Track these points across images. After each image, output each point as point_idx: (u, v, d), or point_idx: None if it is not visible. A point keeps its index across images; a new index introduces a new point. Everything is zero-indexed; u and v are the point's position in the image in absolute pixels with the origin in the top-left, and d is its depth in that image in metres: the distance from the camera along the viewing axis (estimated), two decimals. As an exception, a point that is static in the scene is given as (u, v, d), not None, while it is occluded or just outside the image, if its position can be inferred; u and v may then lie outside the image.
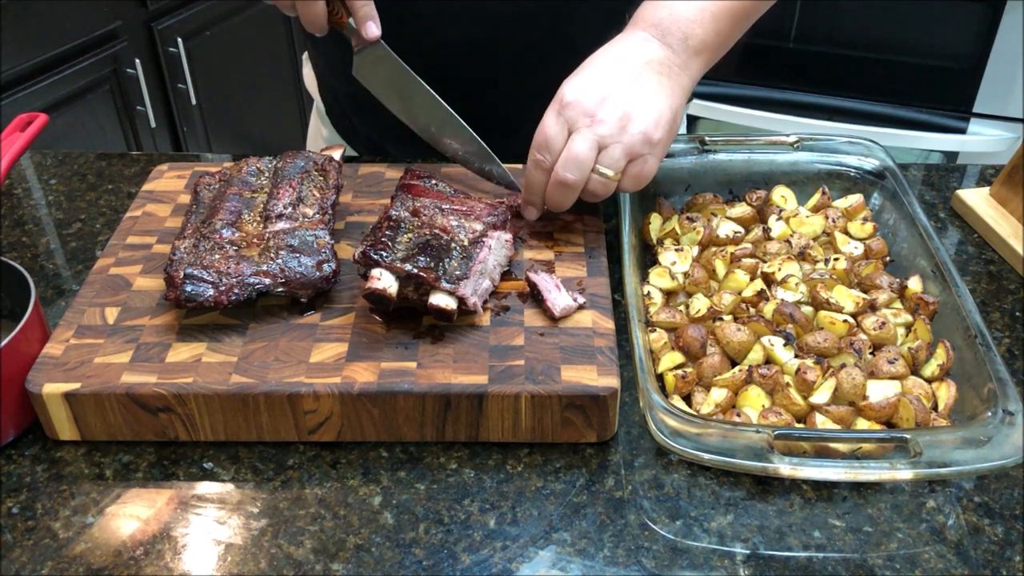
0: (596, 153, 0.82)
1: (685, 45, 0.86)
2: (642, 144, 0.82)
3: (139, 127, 2.30)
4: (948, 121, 2.29)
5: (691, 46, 0.86)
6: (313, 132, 1.31)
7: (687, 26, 0.86)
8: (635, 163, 0.83)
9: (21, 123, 0.94)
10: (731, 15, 0.88)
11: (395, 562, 0.67)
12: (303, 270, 0.80)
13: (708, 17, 0.86)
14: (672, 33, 0.85)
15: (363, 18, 0.90)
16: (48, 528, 0.70)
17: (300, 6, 0.89)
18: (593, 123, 0.82)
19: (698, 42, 0.86)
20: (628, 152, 0.82)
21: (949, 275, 0.81)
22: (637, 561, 0.67)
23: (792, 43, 2.36)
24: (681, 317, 0.82)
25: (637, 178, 0.84)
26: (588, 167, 0.82)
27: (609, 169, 0.83)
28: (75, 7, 2.05)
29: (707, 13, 0.86)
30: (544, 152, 0.84)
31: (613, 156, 0.82)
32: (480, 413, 0.74)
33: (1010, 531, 0.69)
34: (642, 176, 0.84)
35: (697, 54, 0.87)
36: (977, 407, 0.72)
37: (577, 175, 0.82)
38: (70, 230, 1.02)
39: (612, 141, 0.82)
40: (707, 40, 0.87)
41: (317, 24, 0.90)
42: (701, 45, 0.87)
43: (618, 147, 0.82)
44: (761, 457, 0.67)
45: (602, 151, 0.82)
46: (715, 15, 0.86)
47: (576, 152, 0.82)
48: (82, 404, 0.74)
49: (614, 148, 0.82)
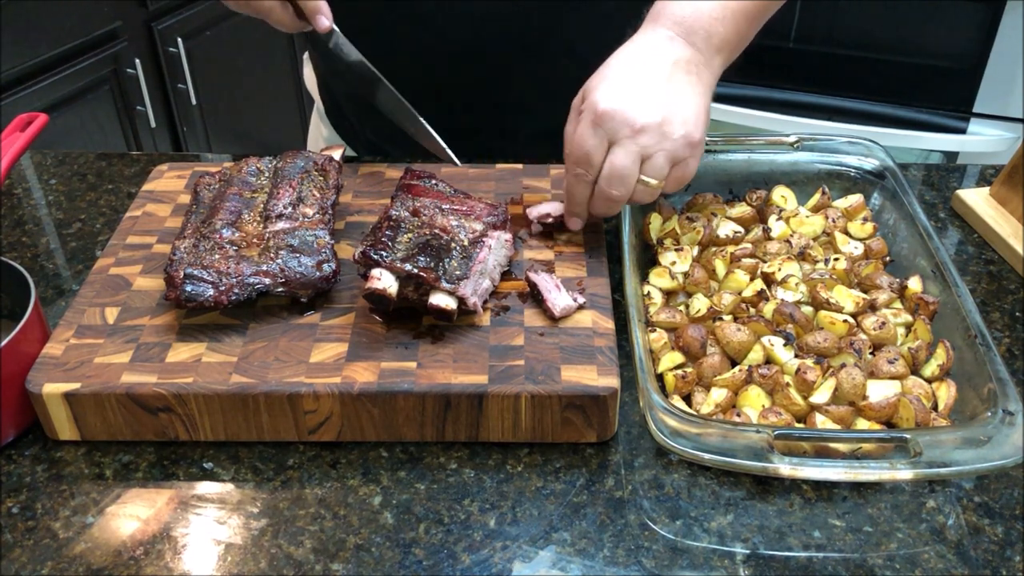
0: (640, 164, 0.81)
1: (709, 43, 0.84)
2: (684, 148, 0.81)
3: (139, 127, 2.30)
4: (948, 121, 2.29)
5: (714, 44, 0.85)
6: (313, 132, 1.31)
7: (710, 24, 0.84)
8: (678, 167, 0.82)
9: (21, 123, 0.94)
10: (749, 13, 0.87)
11: (395, 562, 0.67)
12: (303, 270, 0.80)
13: (729, 15, 0.85)
14: (696, 32, 0.84)
15: (312, 11, 0.90)
16: (48, 528, 0.70)
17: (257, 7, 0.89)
18: (634, 134, 0.79)
19: (720, 40, 0.85)
20: (671, 158, 0.81)
21: (949, 275, 0.81)
22: (637, 561, 0.67)
23: (792, 43, 2.36)
24: (681, 317, 0.82)
25: (680, 180, 0.83)
26: (633, 180, 0.81)
27: (654, 179, 0.81)
28: (75, 7, 2.05)
29: (728, 11, 0.85)
30: (585, 167, 0.81)
31: (657, 165, 0.81)
32: (480, 413, 0.74)
33: (1010, 531, 0.69)
34: (684, 178, 0.83)
35: (719, 52, 0.85)
36: (977, 407, 0.72)
37: (623, 190, 0.81)
38: (70, 230, 1.02)
39: (655, 150, 0.80)
40: (728, 38, 0.85)
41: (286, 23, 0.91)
42: (723, 43, 0.85)
43: (661, 155, 0.80)
44: (761, 457, 0.67)
45: (645, 161, 0.81)
46: (735, 13, 0.85)
47: (620, 167, 0.80)
48: (82, 404, 0.74)
49: (658, 156, 0.80)
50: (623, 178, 0.80)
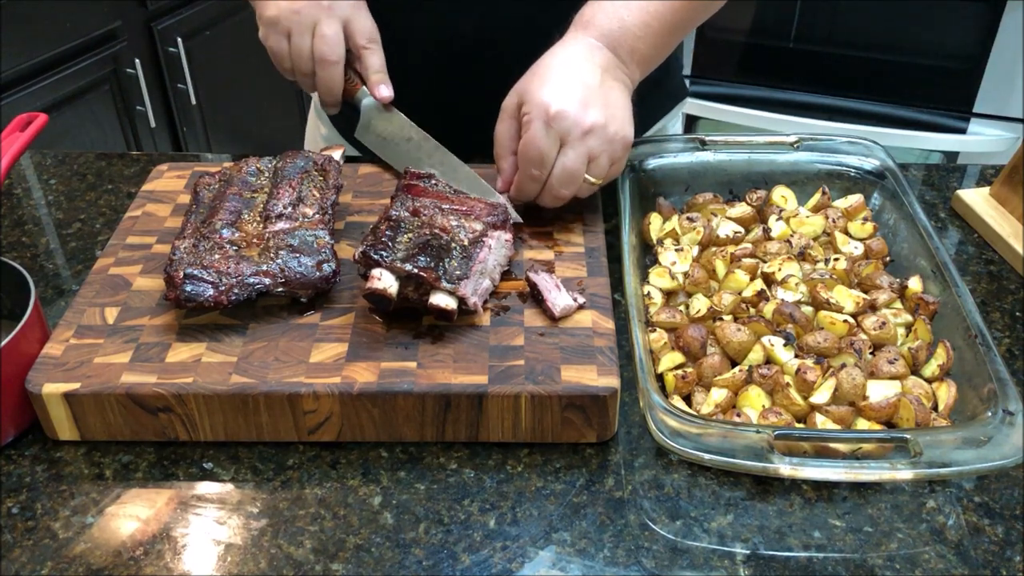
0: (587, 165, 0.86)
1: (632, 58, 0.90)
2: (622, 149, 0.87)
3: (139, 127, 2.30)
4: (948, 121, 2.29)
5: (636, 60, 0.90)
6: (311, 130, 1.31)
7: (634, 41, 0.89)
8: (614, 166, 0.88)
9: (21, 123, 0.94)
10: (670, 31, 0.92)
11: (395, 562, 0.67)
12: (303, 270, 0.80)
13: (651, 34, 0.90)
14: (622, 46, 0.89)
15: (376, 82, 0.97)
16: (48, 528, 0.70)
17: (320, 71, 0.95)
18: (583, 135, 0.84)
19: (640, 56, 0.90)
20: (612, 159, 0.87)
21: (949, 275, 0.81)
22: (637, 561, 0.67)
23: (792, 43, 2.36)
24: (681, 317, 0.82)
25: (612, 177, 0.90)
26: (580, 179, 0.86)
27: (597, 178, 0.87)
28: (75, 7, 2.05)
29: (650, 30, 0.90)
30: (538, 167, 0.85)
31: (602, 164, 0.86)
32: (480, 413, 0.74)
33: (1010, 531, 0.69)
34: (616, 174, 0.90)
35: (639, 66, 0.91)
36: (977, 407, 0.72)
37: (572, 188, 0.87)
38: (70, 230, 1.02)
39: (600, 151, 0.85)
40: (648, 54, 0.91)
41: (335, 93, 0.97)
42: (643, 59, 0.91)
43: (605, 156, 0.86)
44: (761, 457, 0.67)
45: (591, 161, 0.86)
46: (657, 32, 0.91)
47: (571, 168, 0.85)
48: (82, 404, 0.73)
49: (602, 157, 0.86)
50: (573, 178, 0.86)
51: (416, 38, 1.06)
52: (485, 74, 1.07)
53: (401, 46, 1.04)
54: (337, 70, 0.95)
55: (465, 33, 1.04)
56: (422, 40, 1.06)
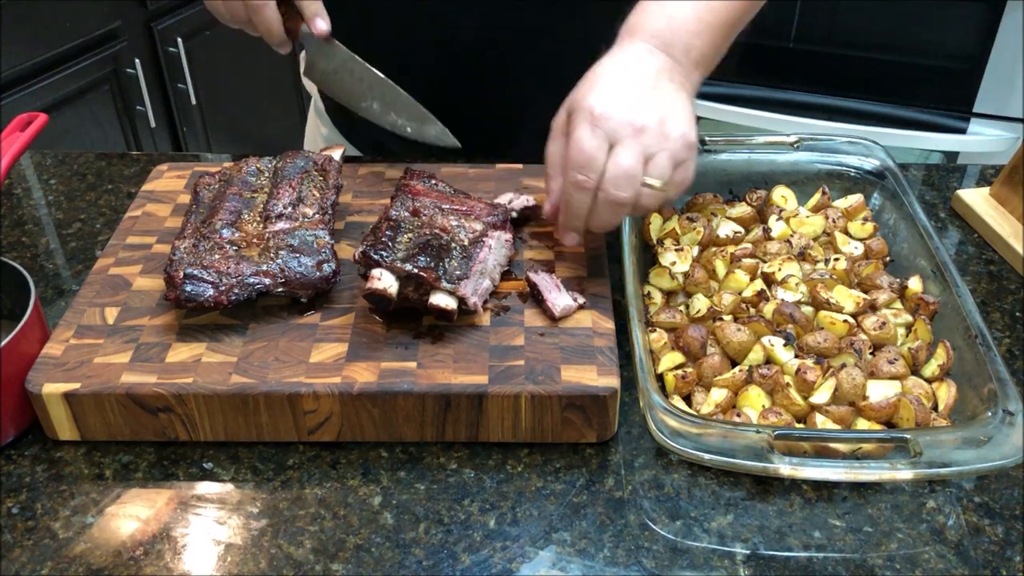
0: (644, 165, 0.77)
1: (688, 57, 0.83)
2: (684, 148, 0.78)
3: (139, 127, 2.30)
4: (948, 121, 2.29)
5: (692, 58, 0.83)
6: (311, 130, 1.31)
7: (688, 38, 0.82)
8: (679, 169, 0.79)
9: (21, 123, 0.94)
10: (725, 25, 0.85)
11: (395, 562, 0.67)
12: (303, 270, 0.80)
13: (705, 29, 0.83)
14: (675, 45, 0.82)
15: (311, 16, 0.91)
16: (48, 528, 0.70)
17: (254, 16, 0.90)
18: (636, 133, 0.76)
19: (698, 54, 0.83)
20: (673, 158, 0.78)
21: (949, 275, 0.81)
22: (637, 561, 0.67)
23: (792, 43, 2.36)
24: (681, 317, 0.82)
25: (681, 185, 0.81)
26: (639, 181, 0.77)
27: (658, 179, 0.78)
28: (75, 7, 2.05)
29: (704, 24, 0.83)
30: (586, 171, 0.77)
31: (661, 164, 0.77)
32: (480, 413, 0.74)
33: (1010, 531, 0.69)
34: (686, 181, 0.81)
35: (697, 66, 0.84)
36: (977, 407, 0.72)
37: (629, 191, 0.77)
38: (70, 230, 1.02)
39: (657, 149, 0.77)
40: (706, 52, 0.84)
41: (274, 33, 0.92)
42: (701, 57, 0.84)
43: (664, 154, 0.77)
44: (761, 457, 0.67)
45: (648, 162, 0.77)
46: (711, 27, 0.84)
47: (625, 166, 0.76)
48: (82, 404, 0.73)
49: (660, 156, 0.77)
50: (629, 178, 0.76)
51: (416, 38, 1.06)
52: (485, 74, 1.07)
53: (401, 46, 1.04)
54: (268, 11, 0.90)
55: (466, 33, 1.04)
56: (422, 40, 1.06)
